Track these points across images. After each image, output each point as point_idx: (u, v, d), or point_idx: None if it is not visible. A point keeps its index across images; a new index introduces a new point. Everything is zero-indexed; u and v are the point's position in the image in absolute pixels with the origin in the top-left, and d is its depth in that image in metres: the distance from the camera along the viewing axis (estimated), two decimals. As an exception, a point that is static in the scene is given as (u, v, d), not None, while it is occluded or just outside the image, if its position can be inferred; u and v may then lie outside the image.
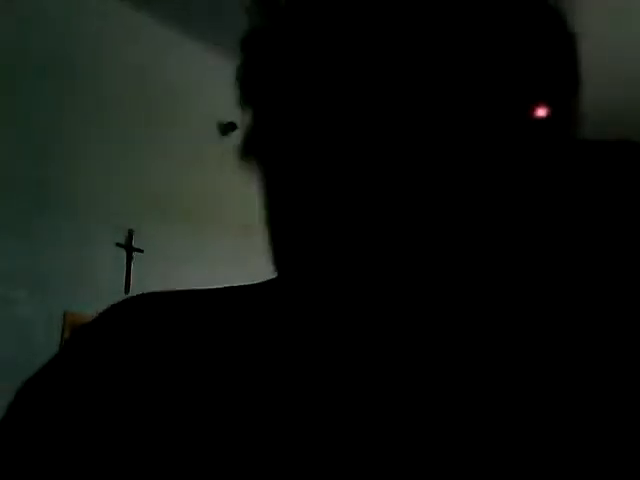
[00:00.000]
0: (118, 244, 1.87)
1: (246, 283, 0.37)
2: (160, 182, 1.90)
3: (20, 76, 1.73)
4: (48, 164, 1.76)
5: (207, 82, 1.99)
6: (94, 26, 1.86)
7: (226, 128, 2.05)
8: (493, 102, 0.30)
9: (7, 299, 1.71)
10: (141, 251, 1.90)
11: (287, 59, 0.33)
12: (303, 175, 0.31)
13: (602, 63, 1.88)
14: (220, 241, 2.03)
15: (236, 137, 0.34)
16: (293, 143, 0.32)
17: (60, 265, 1.79)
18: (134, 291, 1.90)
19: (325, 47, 0.32)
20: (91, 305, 1.59)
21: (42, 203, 1.77)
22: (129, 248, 1.89)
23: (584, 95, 0.39)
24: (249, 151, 0.35)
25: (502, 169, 0.29)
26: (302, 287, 0.32)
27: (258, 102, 0.34)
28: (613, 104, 2.04)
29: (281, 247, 0.32)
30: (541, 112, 0.31)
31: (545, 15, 0.36)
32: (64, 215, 1.79)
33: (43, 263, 1.79)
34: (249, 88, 0.35)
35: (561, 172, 0.32)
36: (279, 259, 0.32)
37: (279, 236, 0.32)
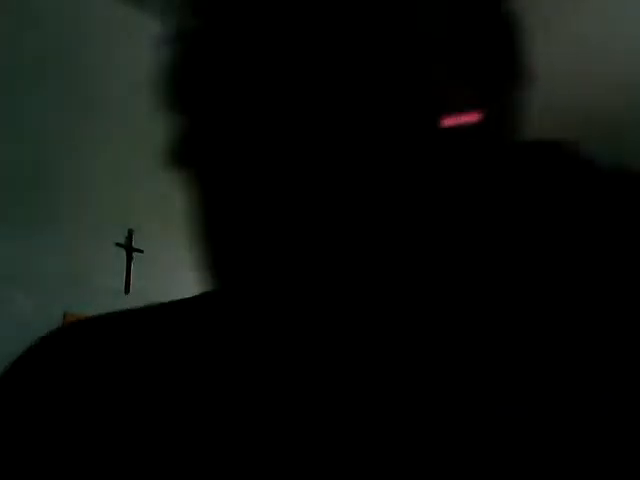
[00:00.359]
0: (118, 244, 1.87)
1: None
2: (160, 182, 1.89)
3: (18, 75, 1.73)
4: (48, 164, 1.76)
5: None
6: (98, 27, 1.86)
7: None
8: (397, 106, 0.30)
9: (7, 299, 1.71)
10: (141, 251, 1.90)
11: (224, 59, 0.32)
12: (244, 187, 0.31)
13: (602, 63, 1.88)
14: (220, 241, 2.02)
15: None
16: (232, 152, 0.31)
17: (60, 265, 1.79)
18: (134, 291, 1.90)
19: (261, 47, 0.31)
20: (91, 305, 1.59)
21: (42, 203, 1.77)
22: (129, 248, 1.89)
23: (585, 96, 0.38)
24: (183, 161, 0.34)
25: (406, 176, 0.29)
26: (246, 299, 0.31)
27: (193, 107, 0.33)
28: (613, 104, 2.04)
29: (219, 260, 0.32)
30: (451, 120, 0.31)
31: None
32: (64, 215, 1.78)
33: (43, 263, 1.79)
34: (181, 93, 0.34)
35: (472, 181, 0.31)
36: (218, 273, 0.32)
37: (216, 247, 0.32)
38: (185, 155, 0.33)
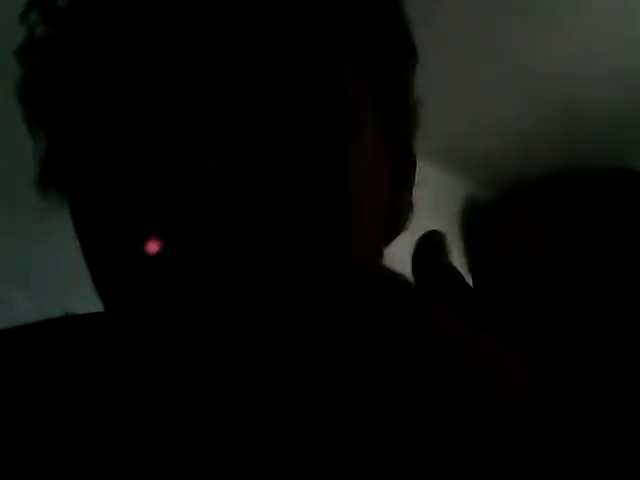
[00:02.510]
0: (118, 244, 1.87)
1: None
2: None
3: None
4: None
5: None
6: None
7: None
8: None
9: (7, 299, 1.71)
10: (141, 251, 1.89)
11: (80, 69, 0.31)
12: (111, 206, 0.30)
13: (602, 63, 1.88)
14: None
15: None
16: (96, 169, 0.31)
17: (60, 265, 1.79)
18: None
19: (117, 56, 0.30)
20: (91, 305, 1.59)
21: (42, 203, 1.77)
22: (129, 248, 1.88)
23: (585, 95, 0.38)
24: (50, 181, 0.33)
25: None
26: (123, 318, 0.31)
27: (51, 123, 0.32)
28: (613, 104, 2.04)
29: (100, 279, 0.31)
30: None
31: None
32: (64, 215, 1.78)
33: (43, 263, 1.78)
34: (38, 107, 0.32)
35: None
36: (100, 290, 0.31)
37: (96, 268, 0.31)
38: (51, 177, 0.32)
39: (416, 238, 0.29)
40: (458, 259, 2.21)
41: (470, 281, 0.30)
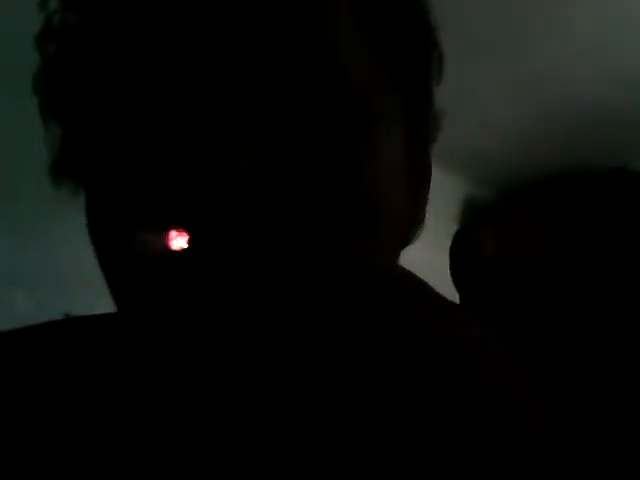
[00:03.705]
0: (118, 244, 1.87)
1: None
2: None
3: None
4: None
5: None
6: None
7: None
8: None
9: (7, 299, 1.71)
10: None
11: (101, 61, 0.30)
12: (129, 202, 0.29)
13: (602, 63, 1.88)
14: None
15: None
16: (114, 160, 0.29)
17: (60, 265, 1.79)
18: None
19: (141, 50, 0.29)
20: (91, 305, 1.59)
21: (42, 203, 1.77)
22: (129, 248, 1.88)
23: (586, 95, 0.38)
24: (64, 172, 0.32)
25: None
26: (136, 317, 0.30)
27: (69, 115, 0.31)
28: (613, 104, 2.04)
29: (114, 276, 0.30)
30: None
31: None
32: (64, 215, 1.78)
33: (43, 263, 1.78)
34: (56, 99, 0.32)
35: None
36: (113, 292, 0.30)
37: (111, 265, 0.31)
38: (66, 168, 0.31)
39: (416, 240, 0.29)
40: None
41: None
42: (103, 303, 0.36)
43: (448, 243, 0.31)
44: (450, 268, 0.28)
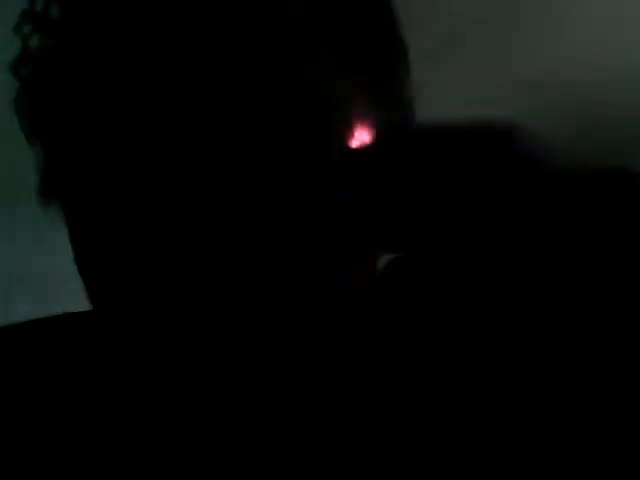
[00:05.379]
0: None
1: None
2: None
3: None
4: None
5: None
6: None
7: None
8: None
9: (7, 299, 1.70)
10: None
11: (78, 81, 0.30)
12: (110, 218, 0.30)
13: (602, 63, 1.88)
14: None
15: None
16: (95, 181, 0.30)
17: (60, 265, 1.79)
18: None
19: (116, 67, 0.29)
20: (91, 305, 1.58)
21: (43, 212, 1.76)
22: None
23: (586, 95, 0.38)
24: (49, 193, 0.33)
25: None
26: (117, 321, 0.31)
27: (49, 135, 0.32)
28: (613, 104, 2.04)
29: (93, 287, 0.31)
30: None
31: None
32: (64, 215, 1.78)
33: (43, 263, 1.78)
34: (37, 119, 0.32)
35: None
36: (94, 301, 0.31)
37: (90, 278, 0.31)
38: (49, 188, 0.31)
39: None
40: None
41: None
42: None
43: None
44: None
